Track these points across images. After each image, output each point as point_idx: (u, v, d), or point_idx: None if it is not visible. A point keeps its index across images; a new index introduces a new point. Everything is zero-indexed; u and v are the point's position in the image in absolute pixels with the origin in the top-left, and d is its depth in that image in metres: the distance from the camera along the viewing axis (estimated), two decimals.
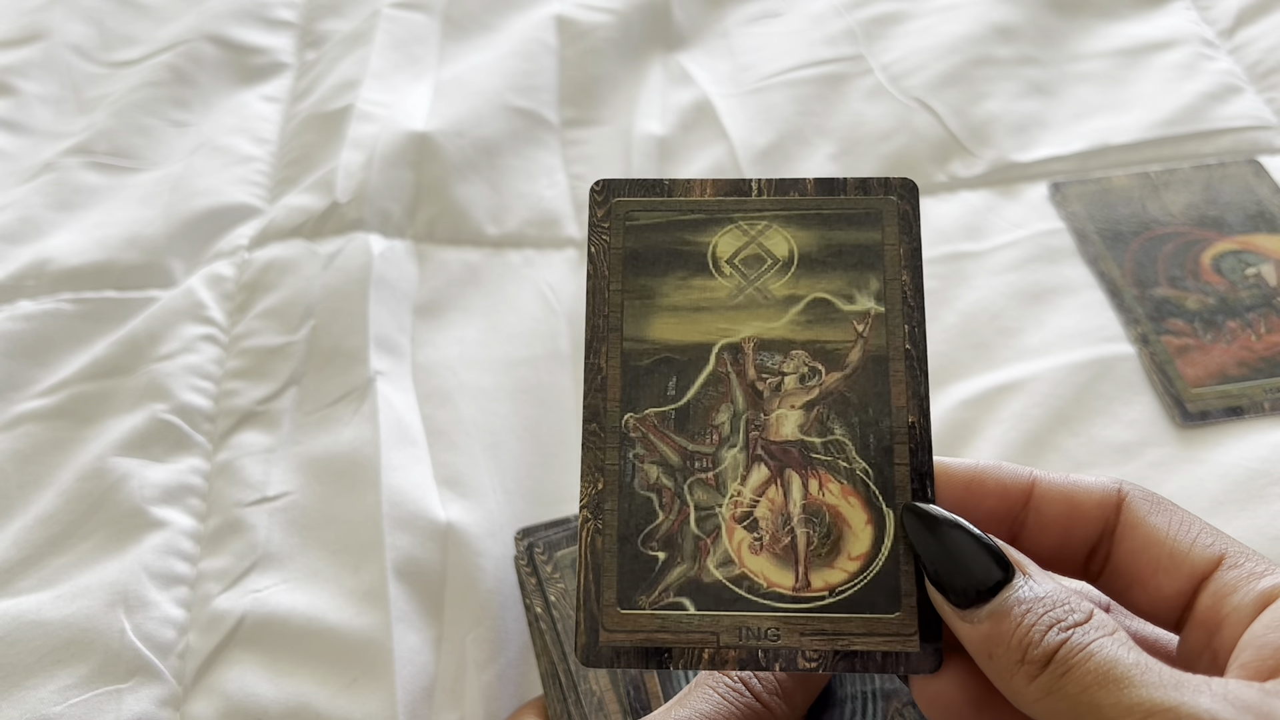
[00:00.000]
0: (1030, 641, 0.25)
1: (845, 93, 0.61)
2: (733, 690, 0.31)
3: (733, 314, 0.31)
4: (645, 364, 0.31)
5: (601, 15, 0.67)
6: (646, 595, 0.29)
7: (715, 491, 0.30)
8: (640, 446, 0.30)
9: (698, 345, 0.31)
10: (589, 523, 0.29)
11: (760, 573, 0.29)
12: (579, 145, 0.61)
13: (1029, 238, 0.52)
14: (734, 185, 0.32)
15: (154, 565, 0.43)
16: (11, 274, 0.55)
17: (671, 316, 0.31)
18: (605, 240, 0.32)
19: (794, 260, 0.31)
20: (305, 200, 0.57)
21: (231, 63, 0.68)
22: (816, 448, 0.30)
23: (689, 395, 0.30)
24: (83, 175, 0.61)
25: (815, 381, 0.30)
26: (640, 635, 0.28)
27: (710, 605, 0.28)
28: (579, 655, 0.28)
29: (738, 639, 0.28)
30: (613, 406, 0.30)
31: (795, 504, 0.29)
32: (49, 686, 0.40)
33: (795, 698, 0.32)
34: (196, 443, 0.48)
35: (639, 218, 0.32)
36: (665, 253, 0.32)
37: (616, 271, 0.31)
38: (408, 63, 0.66)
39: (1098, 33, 0.63)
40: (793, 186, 0.32)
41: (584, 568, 0.29)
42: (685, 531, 0.29)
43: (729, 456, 0.30)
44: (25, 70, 0.68)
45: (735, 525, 0.29)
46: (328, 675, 0.40)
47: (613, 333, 0.31)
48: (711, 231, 0.32)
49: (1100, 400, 0.45)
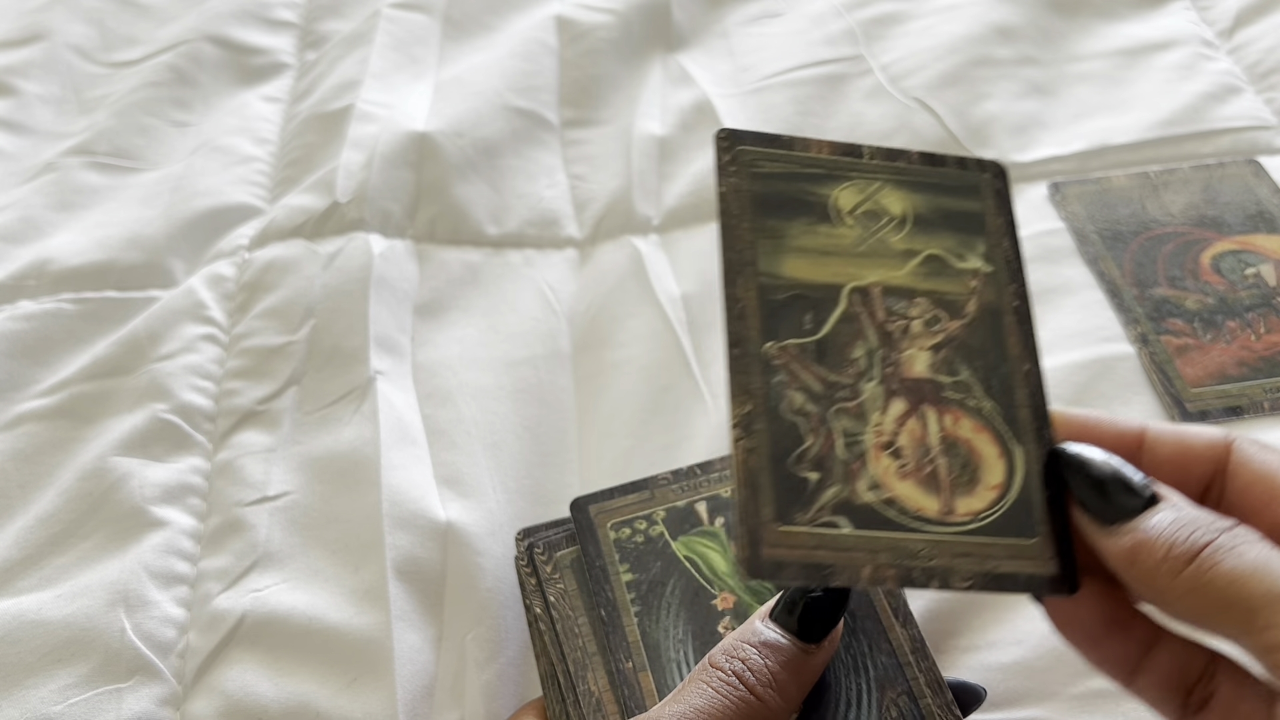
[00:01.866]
0: (1176, 542, 0.26)
1: (845, 93, 0.61)
2: (726, 684, 0.31)
3: (858, 260, 0.33)
4: (780, 298, 0.32)
5: (601, 15, 0.67)
6: (803, 514, 0.29)
7: (858, 420, 0.31)
8: (783, 374, 0.31)
9: (828, 285, 0.32)
10: (741, 441, 0.30)
11: (908, 497, 0.30)
12: (579, 145, 0.61)
13: (1029, 238, 0.52)
14: (847, 147, 0.34)
15: (154, 565, 0.43)
16: (12, 274, 0.55)
17: (801, 257, 0.33)
18: (734, 182, 0.33)
19: (908, 219, 0.34)
20: (306, 200, 0.57)
21: (232, 63, 0.68)
22: (946, 386, 0.32)
23: (825, 330, 0.32)
24: (83, 175, 0.61)
25: (939, 327, 0.32)
26: (800, 551, 0.29)
27: (865, 526, 0.29)
28: (743, 568, 0.29)
29: (894, 559, 0.29)
30: (753, 334, 0.31)
31: (933, 435, 0.31)
32: (49, 686, 0.40)
33: (789, 690, 0.32)
34: (197, 442, 0.48)
35: (763, 166, 0.34)
36: (790, 200, 0.33)
37: (747, 211, 0.33)
38: (408, 63, 0.66)
39: (1097, 33, 0.63)
40: (900, 156, 0.35)
41: (741, 485, 0.30)
42: (834, 455, 0.30)
43: (868, 389, 0.31)
44: (26, 71, 0.68)
45: (880, 452, 0.31)
46: (328, 674, 0.40)
47: (748, 266, 0.32)
48: (831, 186, 0.34)
49: (1100, 400, 0.45)
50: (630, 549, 0.39)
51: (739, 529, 0.29)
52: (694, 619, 0.37)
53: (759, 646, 0.33)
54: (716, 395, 0.49)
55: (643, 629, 0.37)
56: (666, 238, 0.56)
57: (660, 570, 0.39)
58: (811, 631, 0.33)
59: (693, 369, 0.50)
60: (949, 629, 0.41)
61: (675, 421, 0.48)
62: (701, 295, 0.53)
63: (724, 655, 0.33)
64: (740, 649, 0.33)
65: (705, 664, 0.33)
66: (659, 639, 0.37)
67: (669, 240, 0.55)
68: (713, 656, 0.33)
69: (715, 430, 0.47)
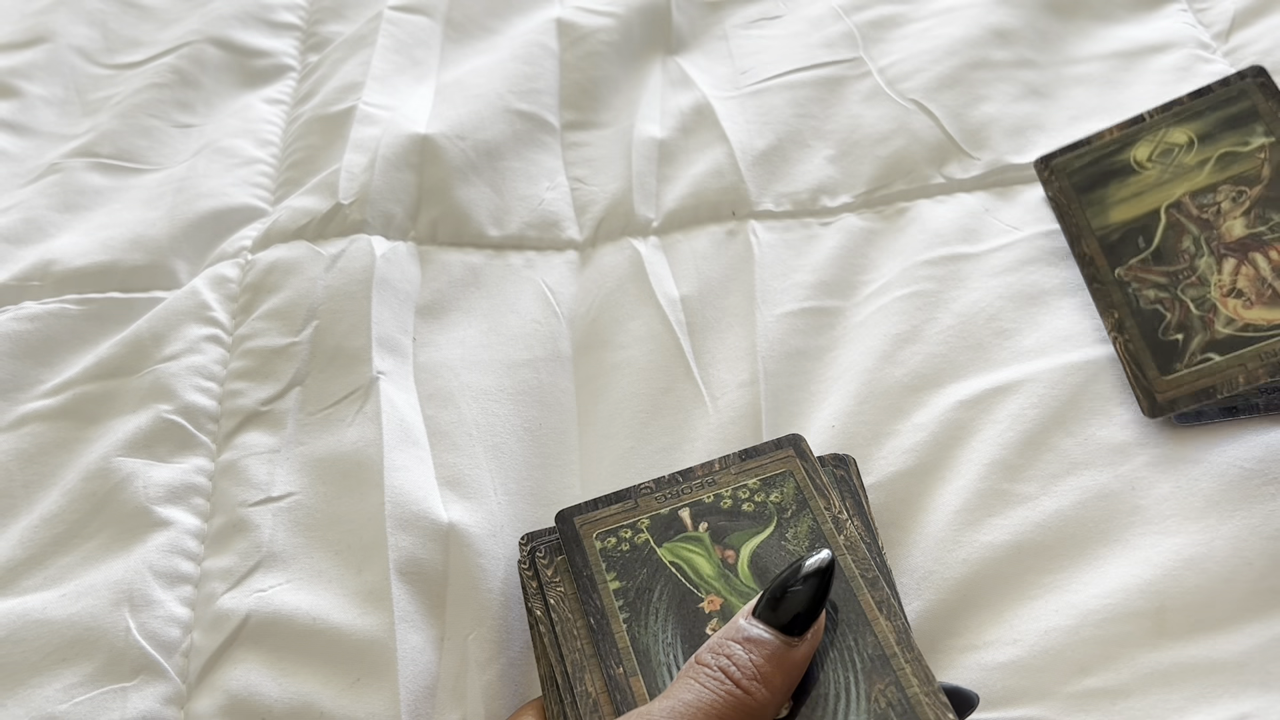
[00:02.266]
0: None
1: (843, 95, 0.61)
2: (713, 679, 0.32)
3: (1165, 187, 0.46)
4: (1115, 238, 0.47)
5: (602, 19, 0.67)
6: (1179, 361, 0.41)
7: (1201, 286, 0.43)
8: (1134, 284, 0.44)
9: (1149, 213, 0.46)
10: (1119, 339, 0.44)
11: (1258, 318, 0.41)
12: (579, 148, 0.62)
13: (1025, 240, 0.52)
14: (1131, 121, 0.49)
15: (159, 564, 0.44)
16: (16, 275, 0.56)
17: (1122, 206, 0.47)
18: (1060, 184, 0.49)
19: (1194, 141, 0.47)
20: (308, 202, 0.57)
21: (235, 65, 0.68)
22: (1265, 234, 0.43)
23: (1155, 243, 0.45)
24: (87, 177, 0.61)
25: (1244, 198, 0.44)
26: (1185, 388, 0.41)
27: (1229, 350, 0.41)
28: (1146, 413, 0.42)
29: (1261, 361, 0.40)
30: (1103, 269, 0.46)
31: (1265, 269, 0.42)
32: (54, 685, 0.41)
33: (775, 682, 0.33)
34: (201, 443, 0.48)
35: (1073, 164, 0.50)
36: (1101, 174, 0.49)
37: (1074, 200, 0.49)
38: (410, 65, 0.66)
39: (1094, 35, 0.63)
40: (1174, 103, 0.48)
41: (1128, 364, 0.43)
42: (1190, 316, 0.42)
43: (1202, 263, 0.44)
44: (29, 72, 0.68)
45: (1226, 299, 0.42)
46: (331, 674, 0.40)
47: (1084, 230, 0.48)
48: (1127, 150, 0.48)
49: (1096, 400, 0.46)
50: (616, 557, 0.40)
51: (1136, 392, 0.40)
52: (682, 623, 0.38)
53: (743, 642, 0.33)
54: (716, 397, 0.49)
55: (632, 635, 0.38)
56: (666, 239, 0.56)
57: (647, 577, 0.39)
58: (794, 625, 0.34)
59: (693, 371, 0.50)
60: (946, 629, 0.41)
61: (675, 423, 0.49)
62: (701, 297, 0.53)
63: (710, 653, 0.33)
64: (725, 646, 0.33)
65: (693, 662, 0.33)
66: (648, 644, 0.37)
67: (668, 242, 0.56)
68: (699, 654, 0.34)
69: (715, 431, 0.48)
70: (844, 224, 0.55)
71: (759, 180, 0.57)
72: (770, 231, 0.55)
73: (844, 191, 0.57)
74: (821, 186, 0.57)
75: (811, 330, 0.51)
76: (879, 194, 0.56)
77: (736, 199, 0.57)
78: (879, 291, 0.52)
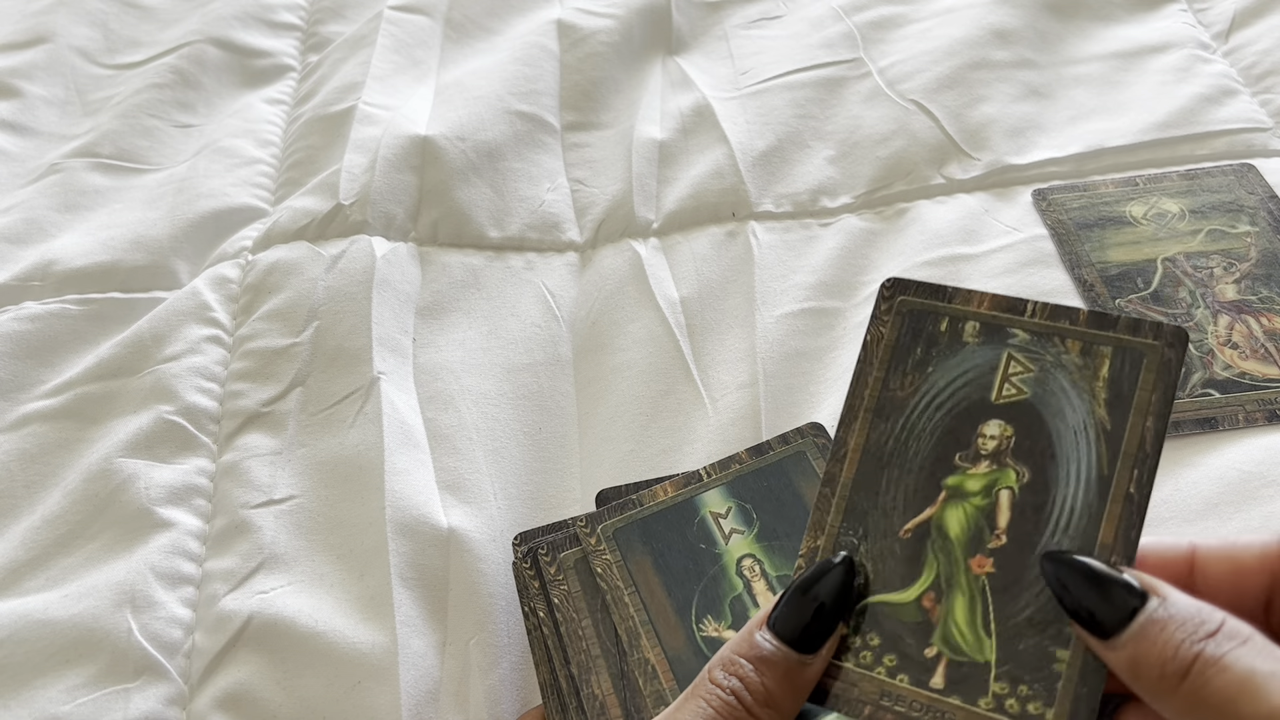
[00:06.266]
0: (1166, 658, 0.25)
1: (844, 96, 0.61)
2: (723, 701, 0.32)
3: (1160, 243, 0.51)
4: (1114, 273, 0.50)
5: (602, 20, 0.67)
6: (1181, 391, 0.45)
7: (1199, 333, 0.47)
8: (1135, 314, 0.45)
9: (1146, 260, 0.50)
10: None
11: (1252, 370, 0.45)
12: (580, 149, 0.62)
13: (1024, 241, 0.53)
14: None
15: (160, 565, 0.44)
16: (17, 275, 0.55)
17: (1119, 248, 0.51)
18: (1059, 219, 0.53)
19: (1185, 214, 0.52)
20: (309, 202, 0.57)
21: (235, 65, 0.68)
22: (1254, 302, 0.48)
23: (1154, 286, 0.49)
24: (88, 177, 0.61)
25: (1234, 270, 0.49)
26: (1186, 414, 0.44)
27: (1229, 390, 0.45)
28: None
29: (1260, 406, 0.44)
30: (1104, 295, 0.49)
31: (1257, 331, 0.47)
32: (57, 686, 0.41)
33: (785, 706, 0.32)
34: (202, 444, 0.48)
35: (1073, 203, 0.54)
36: (1099, 218, 0.53)
37: (1073, 233, 0.52)
38: (410, 65, 0.66)
39: (1094, 36, 0.63)
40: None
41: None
42: (1190, 356, 0.46)
43: (1199, 314, 0.48)
44: (30, 73, 0.68)
45: (1223, 348, 0.46)
46: (333, 678, 0.40)
47: (1084, 259, 0.50)
48: (1123, 205, 0.53)
49: None
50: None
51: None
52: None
53: (755, 662, 0.33)
54: (715, 399, 0.49)
55: None
56: (666, 241, 0.56)
57: None
58: (809, 642, 0.33)
59: (692, 373, 0.50)
60: None
61: (675, 425, 0.49)
62: (700, 298, 0.53)
63: (722, 671, 0.33)
64: (737, 665, 0.33)
65: (704, 677, 0.33)
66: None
67: (668, 244, 0.56)
68: (711, 670, 0.33)
69: (715, 433, 0.48)
70: (844, 225, 0.55)
71: (759, 181, 0.57)
72: (770, 232, 0.55)
73: (844, 192, 0.57)
74: (821, 187, 0.57)
75: (811, 331, 0.51)
76: (879, 195, 0.56)
77: (736, 200, 0.57)
78: None
